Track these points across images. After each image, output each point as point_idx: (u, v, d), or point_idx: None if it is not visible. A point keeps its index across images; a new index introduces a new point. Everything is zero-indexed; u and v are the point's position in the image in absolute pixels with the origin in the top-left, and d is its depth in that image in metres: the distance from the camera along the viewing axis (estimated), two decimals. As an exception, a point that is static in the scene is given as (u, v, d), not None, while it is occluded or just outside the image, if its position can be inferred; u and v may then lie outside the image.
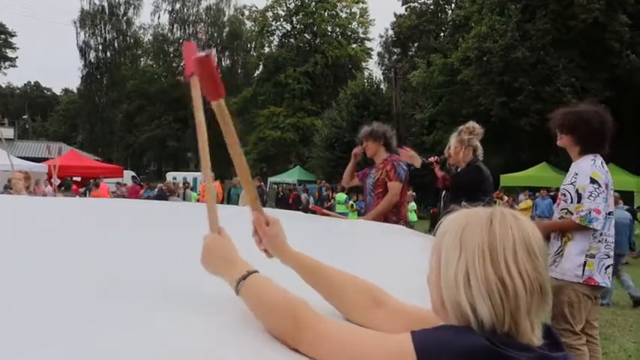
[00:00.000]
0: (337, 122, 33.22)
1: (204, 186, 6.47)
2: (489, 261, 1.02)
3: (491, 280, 1.01)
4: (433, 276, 1.09)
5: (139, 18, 71.23)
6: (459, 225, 1.07)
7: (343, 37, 51.35)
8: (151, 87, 58.76)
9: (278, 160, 48.45)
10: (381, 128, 5.29)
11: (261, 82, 51.10)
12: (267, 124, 47.53)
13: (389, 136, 5.29)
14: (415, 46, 44.52)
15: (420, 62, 32.43)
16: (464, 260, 1.03)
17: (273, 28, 53.22)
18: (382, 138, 5.24)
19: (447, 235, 1.08)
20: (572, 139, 3.76)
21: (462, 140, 4.76)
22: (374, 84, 36.03)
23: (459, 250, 1.05)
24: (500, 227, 1.04)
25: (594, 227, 3.59)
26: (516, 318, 1.01)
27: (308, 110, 47.34)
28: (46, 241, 1.87)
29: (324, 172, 33.42)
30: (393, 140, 5.31)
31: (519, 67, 25.44)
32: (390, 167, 5.11)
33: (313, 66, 47.79)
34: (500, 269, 1.01)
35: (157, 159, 64.71)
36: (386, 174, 5.11)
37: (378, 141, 5.24)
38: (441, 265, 1.07)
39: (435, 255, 1.09)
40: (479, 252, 1.03)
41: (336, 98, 36.54)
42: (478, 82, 27.02)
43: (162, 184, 23.59)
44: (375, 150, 5.28)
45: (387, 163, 5.15)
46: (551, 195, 17.37)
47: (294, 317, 1.08)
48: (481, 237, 1.04)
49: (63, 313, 1.11)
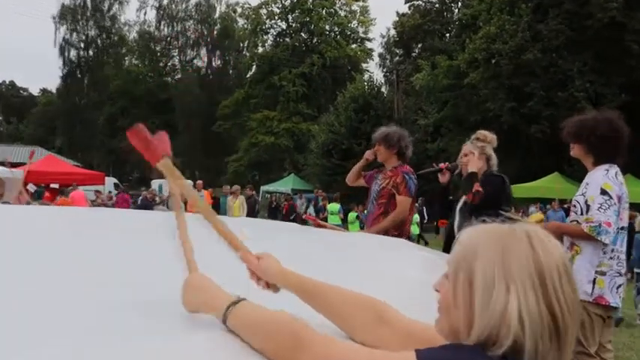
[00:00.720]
0: (335, 128, 33.25)
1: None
2: (541, 293, 1.00)
3: (543, 315, 0.99)
4: (459, 300, 1.06)
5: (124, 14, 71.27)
6: (496, 248, 1.04)
7: (342, 37, 51.51)
8: (136, 88, 58.78)
9: (271, 167, 48.41)
10: (396, 134, 5.23)
11: (254, 83, 51.16)
12: (259, 128, 47.56)
13: (404, 145, 5.23)
14: (419, 46, 44.69)
15: (424, 64, 32.54)
16: (514, 293, 1.00)
17: (268, 27, 53.40)
18: (396, 146, 5.19)
19: (479, 257, 1.04)
20: (582, 149, 3.79)
21: (476, 148, 4.73)
22: (374, 87, 36.09)
23: (504, 279, 1.01)
24: (543, 251, 1.03)
25: (602, 240, 3.59)
26: (563, 350, 1.00)
27: (304, 114, 47.38)
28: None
29: (321, 180, 33.39)
30: (409, 149, 5.26)
31: (530, 71, 25.51)
32: (401, 180, 5.07)
33: (310, 67, 47.90)
34: (551, 301, 1.00)
35: (141, 165, 64.56)
36: (394, 186, 5.07)
37: (391, 148, 5.20)
38: (477, 292, 1.03)
39: (462, 277, 1.06)
40: (530, 283, 1.00)
41: (334, 102, 36.59)
42: (486, 86, 27.09)
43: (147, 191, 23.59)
44: (386, 157, 5.26)
45: (397, 173, 5.11)
46: (564, 207, 17.39)
47: (293, 337, 1.07)
48: (528, 265, 1.01)
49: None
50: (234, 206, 16.51)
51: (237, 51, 61.10)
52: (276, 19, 52.69)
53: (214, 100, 55.62)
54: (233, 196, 17.00)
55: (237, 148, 50.19)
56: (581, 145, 3.78)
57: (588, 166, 3.81)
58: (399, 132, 5.27)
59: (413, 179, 5.09)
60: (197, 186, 18.87)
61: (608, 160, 3.72)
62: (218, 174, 53.26)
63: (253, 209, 18.39)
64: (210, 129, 54.60)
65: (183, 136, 56.79)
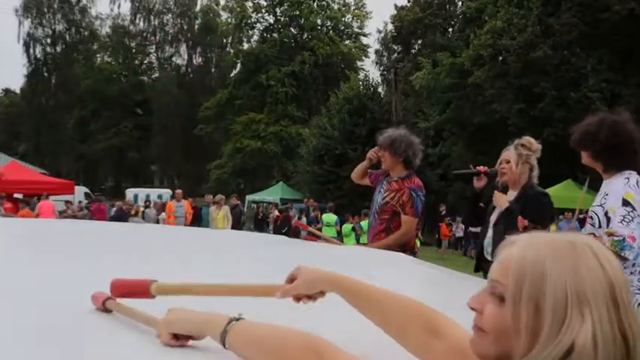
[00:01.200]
0: (327, 131, 33.30)
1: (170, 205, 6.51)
2: (615, 314, 0.97)
3: (617, 339, 0.96)
4: (520, 326, 1.01)
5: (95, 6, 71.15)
6: (565, 266, 1.00)
7: (335, 32, 51.67)
8: (109, 88, 58.71)
9: (258, 174, 48.37)
10: (404, 141, 5.14)
11: (239, 83, 51.16)
12: (245, 132, 47.55)
13: (411, 154, 5.15)
14: (419, 43, 44.85)
15: (425, 62, 32.64)
16: (589, 317, 0.96)
17: (253, 21, 53.48)
18: (403, 154, 5.12)
19: (548, 277, 1.00)
20: (589, 156, 3.81)
21: (520, 155, 4.67)
22: (370, 87, 36.21)
23: (578, 302, 0.97)
24: (611, 267, 1.00)
25: (626, 256, 3.56)
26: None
27: (293, 117, 47.40)
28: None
29: (312, 189, 33.39)
30: (417, 157, 5.19)
31: (540, 69, 25.62)
32: (407, 197, 5.03)
33: (300, 65, 47.97)
34: (623, 323, 0.97)
35: (115, 173, 64.50)
36: (400, 204, 5.03)
37: (397, 157, 5.14)
38: (546, 317, 0.99)
39: (525, 300, 1.01)
40: (604, 305, 0.97)
41: (327, 103, 36.66)
42: (492, 85, 27.19)
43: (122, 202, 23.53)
44: (391, 164, 5.20)
45: (404, 189, 5.05)
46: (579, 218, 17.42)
47: (313, 353, 1.04)
48: (600, 284, 0.98)
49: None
50: (218, 217, 16.50)
51: (220, 47, 61.14)
52: (262, 13, 52.81)
53: (195, 102, 55.56)
54: (216, 207, 16.98)
55: (221, 154, 50.13)
56: (586, 152, 3.81)
57: (602, 173, 3.83)
58: (407, 138, 5.19)
59: (421, 197, 5.05)
60: (176, 195, 18.89)
61: (620, 167, 3.72)
62: (199, 182, 53.19)
63: (239, 221, 18.38)
64: (190, 133, 54.54)
65: (160, 140, 56.78)
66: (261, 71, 48.74)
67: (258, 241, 3.01)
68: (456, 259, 21.63)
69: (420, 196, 5.06)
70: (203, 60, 62.39)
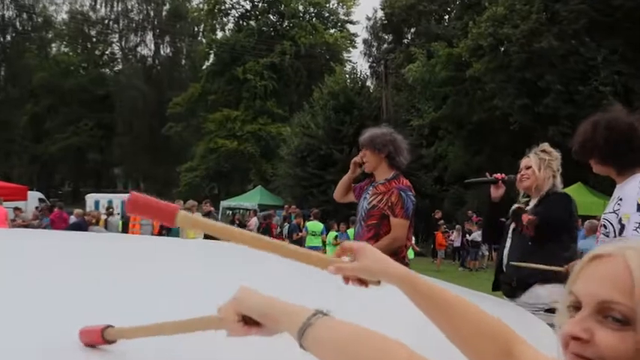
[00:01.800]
0: (311, 130, 33.28)
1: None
2: None
3: None
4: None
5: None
6: None
7: (319, 20, 51.73)
8: (66, 82, 58.37)
9: (233, 178, 48.26)
10: (386, 136, 5.13)
11: (212, 76, 51.06)
12: (219, 131, 47.46)
13: (394, 149, 5.13)
14: (412, 31, 44.94)
15: (418, 53, 32.71)
16: None
17: (228, 7, 53.48)
18: (385, 150, 5.10)
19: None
20: (597, 163, 3.81)
21: (542, 160, 4.67)
22: (358, 81, 36.22)
23: None
24: None
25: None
26: None
27: (273, 114, 47.37)
28: None
29: (294, 194, 33.33)
30: (402, 155, 5.16)
31: (546, 60, 25.73)
32: (397, 199, 5.00)
33: (280, 57, 47.97)
34: None
35: (74, 176, 64.12)
36: (389, 206, 5.01)
37: (379, 153, 5.11)
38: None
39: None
40: None
41: (310, 99, 36.61)
42: (493, 79, 27.30)
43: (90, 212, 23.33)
44: (374, 164, 5.18)
45: (392, 191, 5.03)
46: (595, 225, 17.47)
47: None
48: None
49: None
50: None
51: (190, 36, 61.03)
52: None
53: (163, 97, 55.39)
54: (187, 214, 16.93)
55: (192, 155, 49.99)
56: (593, 161, 3.81)
57: (614, 177, 3.82)
58: (390, 133, 5.19)
59: (411, 197, 5.03)
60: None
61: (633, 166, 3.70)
62: (168, 186, 52.93)
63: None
64: (158, 131, 54.34)
65: (125, 139, 56.51)
66: (237, 63, 48.68)
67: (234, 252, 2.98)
68: (453, 271, 21.73)
69: (410, 197, 5.04)
70: (172, 50, 62.26)
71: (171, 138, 53.88)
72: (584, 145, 3.77)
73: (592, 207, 19.10)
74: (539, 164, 4.56)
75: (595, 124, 3.72)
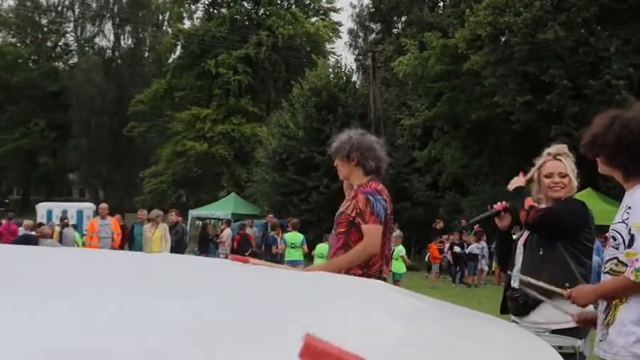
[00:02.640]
0: (290, 130, 33.28)
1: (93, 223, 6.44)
2: None
3: None
4: None
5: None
6: None
7: (299, 8, 51.74)
8: (14, 77, 58.07)
9: (203, 184, 48.15)
10: (352, 142, 5.22)
11: (179, 71, 50.98)
12: (187, 132, 47.32)
13: (361, 154, 5.19)
14: (402, 20, 45.09)
15: (410, 44, 32.77)
16: None
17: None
18: (353, 156, 5.18)
19: None
20: (603, 163, 3.81)
21: (572, 166, 4.70)
22: (343, 75, 36.26)
23: None
24: None
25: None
26: None
27: (248, 113, 47.34)
28: None
29: (271, 202, 33.31)
30: (371, 157, 5.21)
31: (552, 52, 25.83)
32: (364, 202, 5.04)
33: (255, 48, 47.91)
34: None
35: (23, 183, 63.73)
36: (358, 212, 5.05)
37: (347, 161, 5.21)
38: None
39: None
40: None
41: (289, 96, 36.62)
42: (493, 73, 27.37)
43: (38, 221, 23.20)
44: (346, 172, 5.28)
45: (359, 194, 5.10)
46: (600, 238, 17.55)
47: None
48: None
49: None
50: (154, 238, 16.34)
51: (154, 26, 60.91)
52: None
53: (125, 94, 55.22)
54: (152, 225, 16.83)
55: (157, 159, 49.82)
56: (600, 159, 3.81)
57: (622, 183, 3.81)
58: (355, 138, 5.27)
59: (380, 200, 5.06)
60: (100, 211, 18.66)
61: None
62: (130, 194, 52.74)
63: (181, 242, 18.21)
64: (119, 133, 54.13)
65: (81, 142, 56.23)
66: (207, 56, 48.55)
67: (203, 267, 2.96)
68: (447, 288, 21.76)
69: (380, 200, 5.06)
70: (134, 42, 62.03)
71: (134, 140, 53.70)
72: (593, 140, 3.77)
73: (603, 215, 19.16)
74: (574, 170, 4.61)
75: (611, 120, 3.72)
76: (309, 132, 32.33)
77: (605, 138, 3.70)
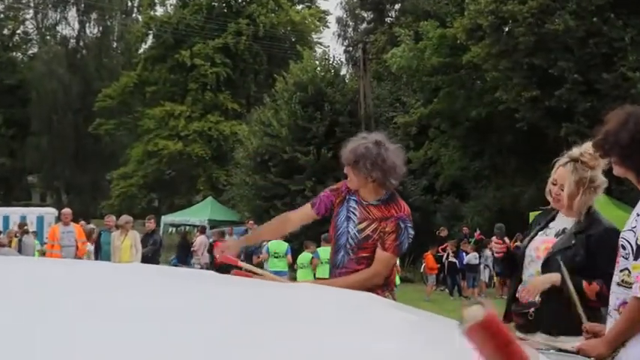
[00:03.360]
0: (273, 129, 33.26)
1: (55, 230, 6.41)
2: None
3: None
4: None
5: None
6: None
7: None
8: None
9: (177, 188, 48.12)
10: (374, 157, 4.89)
11: (151, 62, 50.91)
12: (160, 130, 47.26)
13: (383, 172, 4.92)
14: (396, 8, 45.17)
15: (404, 34, 32.83)
16: None
17: (170, -23, 53.38)
18: (373, 173, 4.91)
19: None
20: (616, 163, 3.79)
21: (581, 180, 4.53)
22: (331, 68, 36.29)
23: None
24: None
25: None
26: None
27: (226, 109, 47.33)
28: None
29: (252, 207, 33.29)
30: (393, 175, 4.99)
31: (560, 44, 25.88)
32: (393, 228, 4.92)
33: (234, 38, 47.89)
34: None
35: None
36: (381, 235, 4.93)
37: (365, 176, 4.94)
38: None
39: None
40: None
41: (271, 90, 36.64)
42: (495, 66, 27.43)
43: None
44: (359, 184, 5.05)
45: (391, 219, 4.94)
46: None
47: None
48: None
49: None
50: (123, 247, 16.27)
51: (123, 13, 60.83)
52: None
53: (90, 88, 55.12)
54: (121, 232, 16.75)
55: (126, 160, 49.75)
56: (613, 159, 3.80)
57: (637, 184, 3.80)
58: (378, 152, 4.94)
59: (409, 230, 4.95)
60: (63, 217, 18.56)
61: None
62: (96, 198, 52.66)
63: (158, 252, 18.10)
64: (84, 131, 54.02)
65: (42, 140, 56.10)
66: (182, 46, 48.53)
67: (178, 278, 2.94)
68: (444, 301, 21.75)
69: (409, 230, 4.96)
70: (100, 30, 61.90)
71: (101, 138, 53.60)
72: (605, 137, 3.75)
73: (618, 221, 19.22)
74: (579, 186, 4.50)
75: (626, 117, 3.70)
76: (294, 130, 32.32)
77: (618, 136, 3.66)
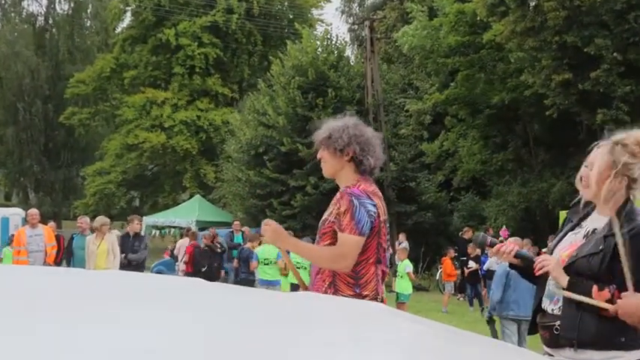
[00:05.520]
0: (268, 118, 33.32)
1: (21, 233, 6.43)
2: None
3: None
4: None
5: None
6: None
7: (279, -35, 51.83)
8: None
9: (161, 185, 48.20)
10: (348, 130, 5.08)
11: (130, 43, 50.94)
12: (140, 120, 47.27)
13: (360, 148, 5.07)
14: (408, -20, 45.20)
15: (417, 10, 32.87)
16: None
17: (152, -54, 53.39)
18: (349, 150, 5.06)
19: None
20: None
21: (615, 163, 4.33)
22: (334, 49, 36.32)
23: None
24: None
25: None
26: None
27: (216, 96, 47.39)
28: None
29: (245, 206, 33.36)
30: (371, 153, 5.10)
31: (596, 19, 25.87)
32: (347, 206, 4.92)
33: (224, 16, 47.90)
34: None
35: None
36: (337, 217, 4.96)
37: (340, 155, 5.08)
38: None
39: None
40: None
41: (267, 74, 36.68)
42: (520, 45, 27.45)
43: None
44: (334, 168, 5.15)
45: (343, 197, 4.97)
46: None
47: None
48: None
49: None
50: (99, 252, 16.23)
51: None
52: None
53: (61, 73, 55.21)
54: (97, 235, 16.71)
55: (102, 154, 49.81)
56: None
57: None
58: (354, 126, 5.13)
59: (367, 206, 4.93)
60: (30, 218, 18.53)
61: None
62: (68, 196, 52.74)
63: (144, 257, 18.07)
64: (54, 121, 54.10)
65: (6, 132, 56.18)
66: (165, 24, 48.48)
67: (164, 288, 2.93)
68: (464, 312, 21.51)
69: (367, 205, 4.91)
70: (72, 7, 61.94)
71: (73, 130, 53.64)
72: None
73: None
74: (611, 169, 4.35)
75: None
76: (292, 119, 32.37)
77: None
